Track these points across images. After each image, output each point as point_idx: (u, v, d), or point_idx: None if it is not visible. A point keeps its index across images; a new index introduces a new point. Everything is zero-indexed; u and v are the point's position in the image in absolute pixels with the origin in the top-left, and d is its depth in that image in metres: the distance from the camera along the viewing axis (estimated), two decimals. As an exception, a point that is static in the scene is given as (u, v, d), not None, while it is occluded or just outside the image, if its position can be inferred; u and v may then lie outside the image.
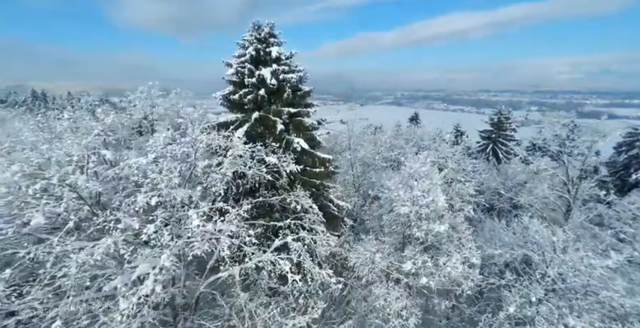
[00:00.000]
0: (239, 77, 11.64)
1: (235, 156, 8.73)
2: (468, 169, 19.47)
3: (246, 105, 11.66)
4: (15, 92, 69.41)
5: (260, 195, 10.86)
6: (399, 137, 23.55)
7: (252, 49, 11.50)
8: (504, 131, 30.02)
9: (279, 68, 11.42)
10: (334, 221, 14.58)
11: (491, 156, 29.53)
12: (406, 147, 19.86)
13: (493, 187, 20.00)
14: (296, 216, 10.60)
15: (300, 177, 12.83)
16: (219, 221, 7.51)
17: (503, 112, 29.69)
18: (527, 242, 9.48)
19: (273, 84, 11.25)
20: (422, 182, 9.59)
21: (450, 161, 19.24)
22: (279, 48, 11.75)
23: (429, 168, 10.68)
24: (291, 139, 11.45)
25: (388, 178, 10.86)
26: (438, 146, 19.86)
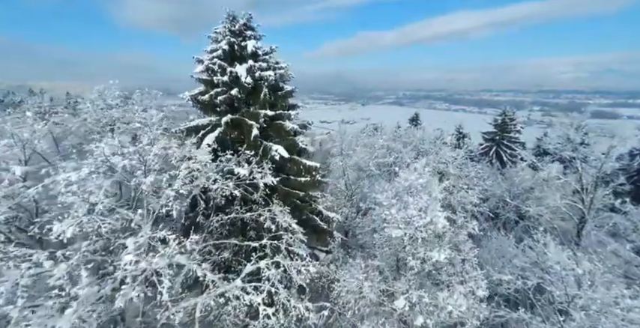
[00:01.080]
0: (210, 75, 10.20)
1: (193, 169, 7.28)
2: (471, 175, 17.99)
3: (218, 106, 10.23)
4: (13, 92, 68.25)
5: (231, 211, 9.42)
6: (397, 140, 22.05)
7: (226, 43, 10.07)
8: (508, 133, 28.47)
9: (256, 65, 9.98)
10: (322, 235, 13.15)
11: (494, 160, 28.00)
12: (404, 151, 18.36)
13: (498, 195, 18.49)
14: (274, 235, 9.15)
15: (281, 188, 11.41)
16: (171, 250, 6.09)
17: (507, 113, 28.15)
18: (544, 269, 8.01)
19: (248, 82, 9.80)
20: (418, 198, 8.12)
21: (451, 166, 17.78)
22: (256, 42, 10.31)
23: (428, 180, 9.20)
24: (269, 146, 10.00)
25: (381, 190, 9.39)
26: (438, 150, 18.37)
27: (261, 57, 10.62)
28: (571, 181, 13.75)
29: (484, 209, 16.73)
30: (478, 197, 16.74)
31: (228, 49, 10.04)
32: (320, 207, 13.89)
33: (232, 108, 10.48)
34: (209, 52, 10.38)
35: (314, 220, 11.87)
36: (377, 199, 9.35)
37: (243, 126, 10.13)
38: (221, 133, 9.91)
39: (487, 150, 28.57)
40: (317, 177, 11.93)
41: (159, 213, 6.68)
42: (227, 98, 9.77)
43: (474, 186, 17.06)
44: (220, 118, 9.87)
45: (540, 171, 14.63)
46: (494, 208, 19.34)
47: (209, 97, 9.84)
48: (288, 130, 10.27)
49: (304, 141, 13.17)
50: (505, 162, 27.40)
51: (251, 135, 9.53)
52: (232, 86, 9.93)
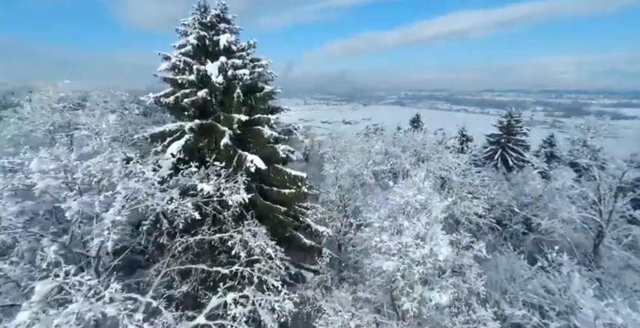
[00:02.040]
0: (177, 73, 8.87)
1: (133, 190, 5.94)
2: (476, 183, 16.59)
3: (187, 110, 8.89)
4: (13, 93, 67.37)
5: (199, 232, 8.07)
6: (396, 143, 20.65)
7: (195, 37, 8.74)
8: (514, 135, 26.99)
9: (229, 62, 8.64)
10: (311, 252, 11.81)
11: (500, 164, 26.55)
12: (403, 157, 16.99)
13: (505, 204, 17.08)
14: (247, 260, 7.80)
15: (261, 202, 10.08)
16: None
17: (513, 114, 26.66)
18: (569, 307, 6.64)
19: (219, 82, 8.47)
20: (416, 220, 6.76)
21: (454, 173, 16.38)
22: (230, 36, 8.97)
23: (428, 196, 7.83)
24: (244, 156, 8.65)
25: (373, 207, 8.05)
26: (440, 156, 16.99)
27: (238, 53, 9.28)
28: (588, 192, 12.33)
29: (490, 220, 15.33)
30: (483, 207, 15.37)
31: (197, 43, 8.71)
32: (309, 221, 12.56)
33: (203, 112, 9.16)
34: (177, 48, 9.06)
35: (299, 238, 10.51)
36: (368, 219, 8.00)
37: (214, 133, 8.81)
38: (189, 141, 8.57)
39: (492, 154, 27.09)
40: (303, 189, 10.58)
41: (89, 246, 5.35)
42: (195, 100, 8.43)
43: (480, 195, 15.67)
44: (194, 123, 8.52)
45: (553, 181, 13.20)
46: (501, 218, 17.91)
47: (174, 100, 8.51)
48: (267, 137, 8.90)
49: (288, 149, 11.86)
50: (511, 167, 25.93)
51: (222, 144, 8.17)
52: (201, 86, 8.59)
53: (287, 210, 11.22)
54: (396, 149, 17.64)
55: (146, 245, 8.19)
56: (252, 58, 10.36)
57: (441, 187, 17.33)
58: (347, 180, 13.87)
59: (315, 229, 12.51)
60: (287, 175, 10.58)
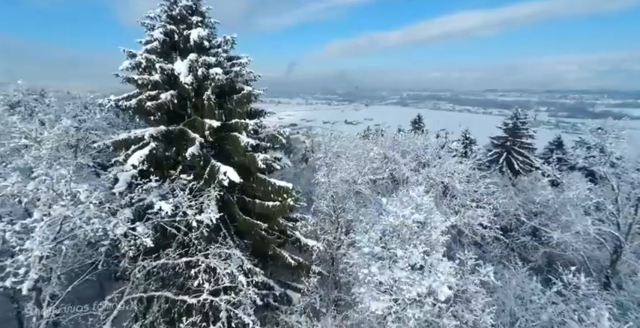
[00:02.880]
0: (141, 73, 7.81)
1: (59, 217, 4.88)
2: (481, 191, 15.41)
3: (152, 114, 7.82)
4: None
5: (160, 256, 7.00)
6: (395, 147, 19.51)
7: (161, 32, 7.68)
8: (520, 138, 25.71)
9: (200, 60, 7.56)
10: (298, 270, 10.71)
11: (505, 167, 25.33)
12: (402, 162, 15.86)
13: (512, 212, 15.90)
14: (214, 290, 6.72)
15: (241, 217, 9.01)
16: None
17: (519, 116, 25.41)
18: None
19: (187, 83, 7.39)
20: (412, 248, 5.66)
21: (457, 180, 15.22)
22: (203, 30, 7.88)
23: (427, 215, 6.71)
24: (216, 167, 7.57)
25: (363, 228, 6.95)
26: (442, 161, 15.85)
27: (213, 50, 8.20)
28: (606, 204, 11.14)
29: (496, 231, 14.15)
30: (489, 217, 14.18)
31: (164, 39, 7.64)
32: (297, 234, 11.49)
33: (174, 116, 8.08)
34: (144, 44, 7.99)
35: (283, 257, 9.42)
36: (357, 241, 6.89)
37: (185, 141, 7.73)
38: (155, 150, 7.50)
39: (496, 157, 25.87)
40: (289, 201, 9.49)
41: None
42: (161, 104, 7.36)
43: (484, 204, 14.49)
44: (157, 130, 7.45)
45: (566, 190, 12.01)
46: (507, 227, 16.73)
47: (137, 103, 7.43)
48: (244, 145, 7.78)
49: (275, 156, 10.78)
50: (517, 171, 24.71)
51: (188, 153, 7.09)
52: (167, 88, 7.52)
53: (271, 224, 10.18)
54: (394, 154, 16.51)
55: (104, 270, 7.13)
56: (231, 55, 9.31)
57: (443, 194, 16.20)
58: (341, 188, 12.76)
59: (304, 243, 11.45)
60: (271, 186, 9.51)
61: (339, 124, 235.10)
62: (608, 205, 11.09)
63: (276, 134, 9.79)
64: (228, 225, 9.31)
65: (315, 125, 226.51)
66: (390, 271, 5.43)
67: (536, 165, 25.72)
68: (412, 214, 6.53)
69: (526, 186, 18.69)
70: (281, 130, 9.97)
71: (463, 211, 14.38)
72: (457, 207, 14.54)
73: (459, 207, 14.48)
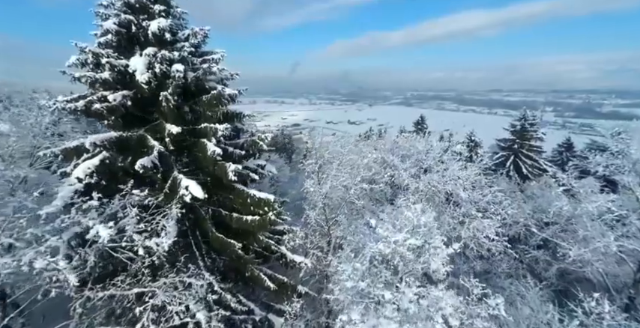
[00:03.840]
0: (93, 69, 6.72)
1: None
2: (487, 199, 14.14)
3: (105, 118, 6.74)
4: None
5: (106, 287, 5.91)
6: (395, 151, 18.31)
7: (115, 22, 6.60)
8: (528, 140, 24.37)
9: (158, 55, 6.46)
10: (282, 290, 9.57)
11: (512, 171, 24.00)
12: (401, 168, 14.66)
13: (522, 222, 14.62)
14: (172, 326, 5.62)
15: (215, 235, 7.91)
16: None
17: (527, 118, 24.06)
18: None
19: (145, 81, 6.31)
20: (405, 288, 4.52)
21: (461, 188, 13.99)
22: (166, 21, 6.78)
23: (426, 240, 5.55)
24: (178, 180, 6.47)
25: (346, 256, 5.81)
26: (445, 167, 14.63)
27: (179, 44, 7.10)
28: (633, 219, 9.87)
29: (504, 244, 12.88)
30: (496, 228, 12.92)
31: (119, 30, 6.55)
32: (283, 249, 10.37)
33: (132, 120, 7.00)
34: (98, 36, 6.91)
35: (261, 280, 8.28)
36: (340, 273, 5.74)
37: (143, 149, 6.64)
38: (107, 161, 6.42)
39: (503, 161, 24.55)
40: (270, 215, 8.36)
41: None
42: (112, 106, 6.27)
43: (491, 214, 13.24)
44: (104, 137, 6.36)
45: (584, 201, 10.72)
46: (516, 238, 15.44)
47: (85, 104, 6.35)
48: (210, 154, 6.66)
49: (257, 164, 9.71)
50: (526, 175, 23.39)
51: (139, 165, 5.99)
52: (119, 88, 6.44)
53: (250, 241, 9.07)
54: (394, 158, 15.30)
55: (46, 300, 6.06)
56: (204, 51, 8.24)
57: (446, 202, 14.95)
58: (338, 193, 11.62)
59: (290, 259, 10.33)
60: (250, 198, 8.40)
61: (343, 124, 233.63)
62: (634, 219, 9.81)
63: (256, 139, 8.67)
64: (199, 242, 8.23)
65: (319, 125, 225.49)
66: (376, 319, 4.31)
67: (543, 168, 24.44)
68: (406, 239, 5.37)
69: (536, 193, 17.37)
70: (263, 135, 8.84)
71: (468, 222, 13.16)
72: (462, 217, 13.32)
73: (463, 217, 13.25)
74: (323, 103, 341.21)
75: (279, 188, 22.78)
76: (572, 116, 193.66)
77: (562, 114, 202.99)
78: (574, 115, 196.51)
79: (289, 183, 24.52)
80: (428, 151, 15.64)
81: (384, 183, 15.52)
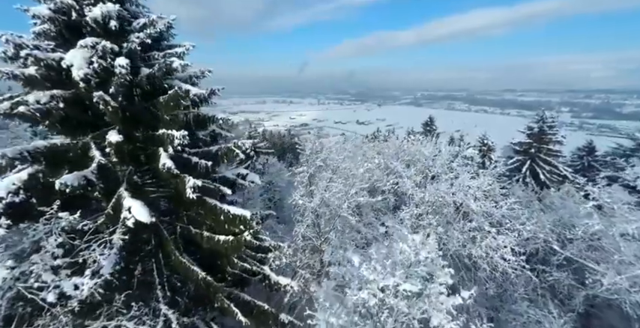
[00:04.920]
0: (24, 64, 5.60)
1: None
2: (502, 211, 12.59)
3: (40, 122, 5.62)
4: None
5: None
6: (401, 154, 16.90)
7: (51, 8, 5.48)
8: (547, 144, 22.55)
9: (99, 47, 5.29)
10: (261, 321, 8.34)
11: (528, 177, 22.24)
12: (405, 175, 13.26)
13: (541, 238, 13.01)
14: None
15: (177, 259, 6.74)
16: None
17: (546, 119, 22.24)
18: None
19: (83, 78, 5.15)
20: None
21: (471, 198, 12.50)
22: (113, 6, 5.62)
23: (426, 284, 4.22)
24: (121, 198, 5.29)
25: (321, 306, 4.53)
26: (456, 175, 13.17)
27: (134, 35, 5.94)
28: (681, 243, 8.28)
29: (521, 265, 11.33)
30: (512, 246, 11.38)
31: (51, 17, 5.42)
32: (266, 270, 9.18)
33: (74, 125, 5.87)
34: (34, 25, 5.80)
35: (232, 312, 7.04)
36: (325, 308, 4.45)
37: (84, 161, 5.49)
38: (38, 174, 5.30)
39: (519, 166, 22.78)
40: (245, 236, 7.14)
41: None
42: (40, 108, 5.14)
43: (507, 230, 11.71)
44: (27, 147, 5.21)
45: (619, 219, 9.15)
46: (533, 254, 13.80)
47: (11, 107, 5.23)
48: (162, 168, 5.46)
49: (235, 175, 8.53)
50: (543, 182, 21.60)
51: (63, 182, 4.83)
52: (50, 86, 5.31)
53: (223, 264, 7.88)
54: (397, 164, 13.91)
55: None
56: (170, 44, 7.09)
57: (455, 212, 13.46)
58: (326, 210, 10.35)
59: (274, 281, 9.13)
60: (224, 214, 7.20)
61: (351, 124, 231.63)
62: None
63: (232, 147, 7.46)
64: (162, 268, 7.07)
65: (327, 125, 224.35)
66: None
67: (563, 175, 22.56)
68: (399, 285, 4.05)
69: (556, 203, 15.67)
70: (240, 142, 7.62)
71: (480, 238, 11.67)
72: (473, 232, 11.83)
73: (474, 233, 11.77)
74: (331, 103, 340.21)
75: (277, 193, 21.61)
76: (590, 117, 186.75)
77: (579, 115, 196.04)
78: (592, 116, 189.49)
79: (287, 188, 23.11)
80: (435, 157, 14.19)
81: (388, 191, 14.17)
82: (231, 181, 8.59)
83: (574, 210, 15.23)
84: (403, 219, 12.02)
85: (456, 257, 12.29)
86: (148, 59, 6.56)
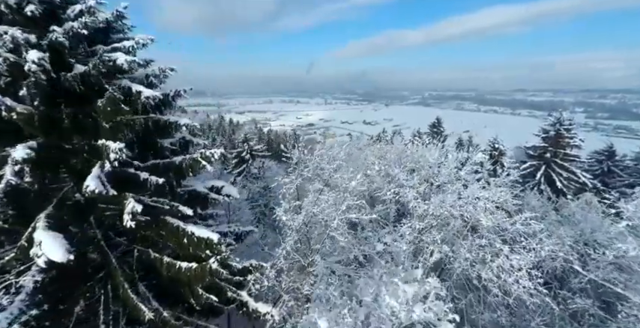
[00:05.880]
0: None
1: None
2: (517, 227, 11.18)
3: None
4: None
5: None
6: (404, 159, 15.58)
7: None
8: (564, 148, 20.92)
9: (8, 37, 4.21)
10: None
11: (543, 184, 20.65)
12: (407, 185, 11.99)
13: (560, 257, 11.56)
14: None
15: (126, 291, 5.65)
16: None
17: (562, 121, 20.60)
18: None
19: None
20: None
21: (481, 212, 11.13)
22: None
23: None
24: (36, 230, 4.20)
25: None
26: (465, 184, 11.86)
27: (67, 24, 4.86)
28: None
29: (539, 291, 9.93)
30: (528, 268, 9.96)
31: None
32: (244, 296, 8.09)
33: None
34: None
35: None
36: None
37: (-4, 178, 4.42)
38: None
39: (533, 171, 21.18)
40: (211, 264, 6.02)
41: None
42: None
43: (522, 249, 10.30)
44: None
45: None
46: (551, 274, 12.33)
47: None
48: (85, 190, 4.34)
49: (208, 187, 7.45)
50: (559, 190, 19.98)
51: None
52: None
53: (186, 295, 6.75)
54: (399, 171, 12.61)
55: None
56: (121, 37, 6.01)
57: (463, 226, 12.11)
58: (316, 225, 9.18)
59: (253, 309, 8.02)
60: (187, 237, 6.10)
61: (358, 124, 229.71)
62: None
63: (198, 158, 6.33)
64: (108, 302, 5.98)
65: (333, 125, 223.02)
66: None
67: (582, 182, 20.88)
68: None
69: (577, 216, 14.12)
70: (209, 152, 6.49)
71: (491, 258, 10.30)
72: (482, 250, 10.48)
73: (484, 252, 10.40)
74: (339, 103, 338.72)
75: (273, 199, 20.52)
76: (606, 117, 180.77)
77: (594, 116, 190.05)
78: (607, 116, 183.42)
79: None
80: (441, 165, 12.84)
81: (389, 201, 12.90)
82: (202, 196, 7.49)
83: (597, 223, 13.73)
84: (404, 235, 10.76)
85: (463, 278, 10.96)
86: (92, 55, 5.47)
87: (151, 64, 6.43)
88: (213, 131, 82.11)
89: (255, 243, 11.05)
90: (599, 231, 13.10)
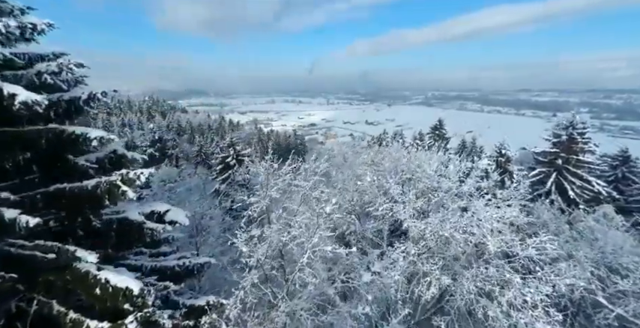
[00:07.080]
0: None
1: None
2: (529, 251, 9.53)
3: None
4: None
5: None
6: (402, 166, 14.00)
7: None
8: (576, 154, 19.19)
9: None
10: None
11: (554, 193, 18.88)
12: (400, 201, 10.44)
13: (581, 287, 9.90)
14: None
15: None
16: None
17: (575, 125, 18.87)
18: None
19: None
20: None
21: (487, 232, 9.48)
22: None
23: None
24: None
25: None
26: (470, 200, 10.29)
27: None
28: None
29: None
30: (545, 301, 8.31)
31: None
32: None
33: None
34: None
35: None
36: None
37: None
38: None
39: (543, 178, 19.48)
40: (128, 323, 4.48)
41: None
42: None
43: (535, 278, 8.66)
44: None
45: None
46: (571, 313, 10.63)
47: None
48: None
49: (143, 215, 5.95)
50: (572, 199, 18.25)
51: None
52: None
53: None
54: (392, 183, 11.02)
55: None
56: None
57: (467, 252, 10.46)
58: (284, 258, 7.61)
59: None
60: (101, 286, 4.58)
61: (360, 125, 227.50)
62: None
63: (117, 182, 4.79)
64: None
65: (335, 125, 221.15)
66: None
67: (597, 191, 19.14)
68: None
69: (596, 234, 12.41)
70: (133, 173, 4.95)
71: (499, 290, 8.66)
72: (489, 282, 8.86)
73: (491, 283, 8.78)
74: (341, 103, 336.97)
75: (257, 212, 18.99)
76: (612, 118, 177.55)
77: (599, 116, 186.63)
78: (613, 117, 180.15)
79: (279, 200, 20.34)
80: (441, 177, 11.24)
81: (382, 217, 11.36)
82: (135, 225, 5.94)
83: (619, 242, 12.07)
84: (396, 261, 9.18)
85: (465, 313, 9.34)
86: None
87: (62, 57, 4.93)
88: (213, 131, 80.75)
89: (217, 272, 9.48)
90: (623, 253, 11.44)
